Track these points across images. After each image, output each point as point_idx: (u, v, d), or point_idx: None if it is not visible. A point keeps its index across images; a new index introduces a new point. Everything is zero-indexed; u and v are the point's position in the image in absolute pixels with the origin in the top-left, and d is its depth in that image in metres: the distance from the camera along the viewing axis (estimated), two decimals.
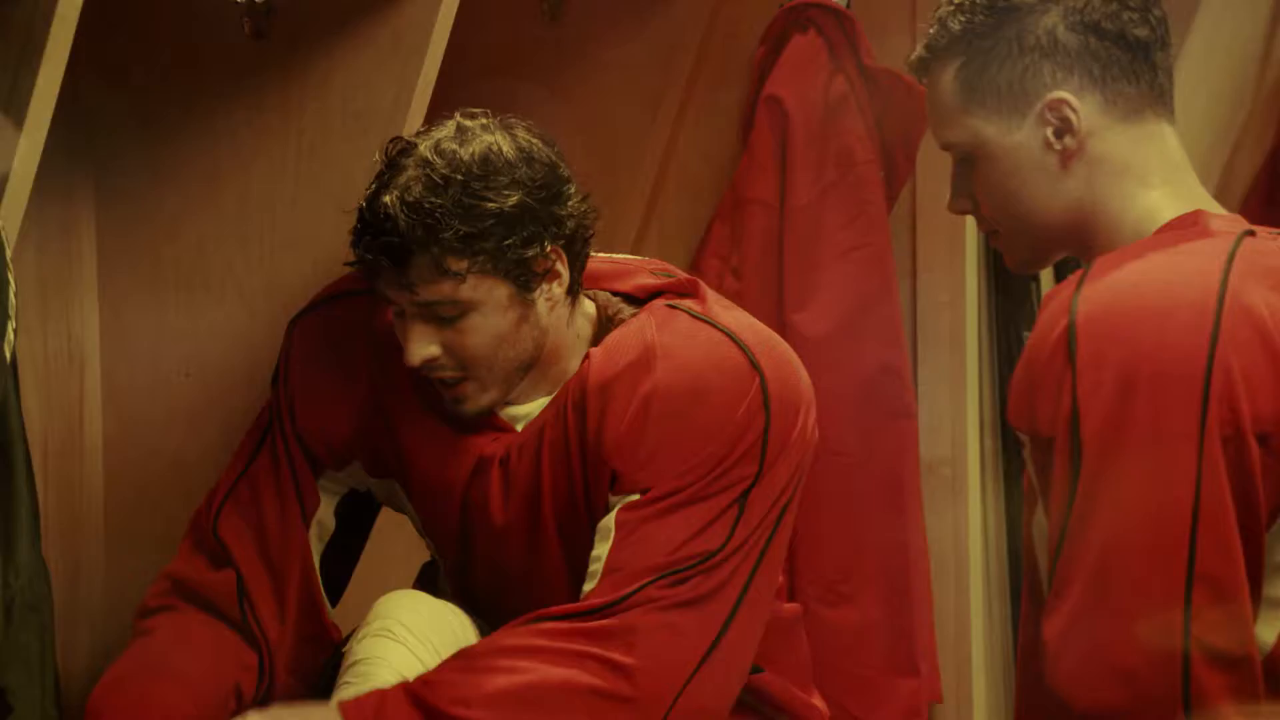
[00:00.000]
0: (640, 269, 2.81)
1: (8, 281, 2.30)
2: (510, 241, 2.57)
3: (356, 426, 2.79)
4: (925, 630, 3.60)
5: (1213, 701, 2.13)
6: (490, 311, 2.61)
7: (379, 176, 2.60)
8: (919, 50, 2.38)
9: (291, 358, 2.81)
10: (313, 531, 2.81)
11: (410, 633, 2.63)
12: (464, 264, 2.56)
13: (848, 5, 3.34)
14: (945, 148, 2.39)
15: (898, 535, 3.30)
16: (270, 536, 2.78)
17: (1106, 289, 2.19)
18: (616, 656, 2.57)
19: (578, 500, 2.68)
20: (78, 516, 3.01)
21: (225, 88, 2.93)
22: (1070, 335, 2.16)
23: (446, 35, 2.89)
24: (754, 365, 2.65)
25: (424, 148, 2.57)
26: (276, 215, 2.95)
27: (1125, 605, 2.16)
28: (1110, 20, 2.30)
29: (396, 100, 2.88)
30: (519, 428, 2.72)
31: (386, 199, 2.55)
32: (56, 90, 2.39)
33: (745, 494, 2.64)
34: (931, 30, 2.36)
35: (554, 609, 2.59)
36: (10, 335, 2.31)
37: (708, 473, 2.62)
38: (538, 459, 2.69)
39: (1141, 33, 2.31)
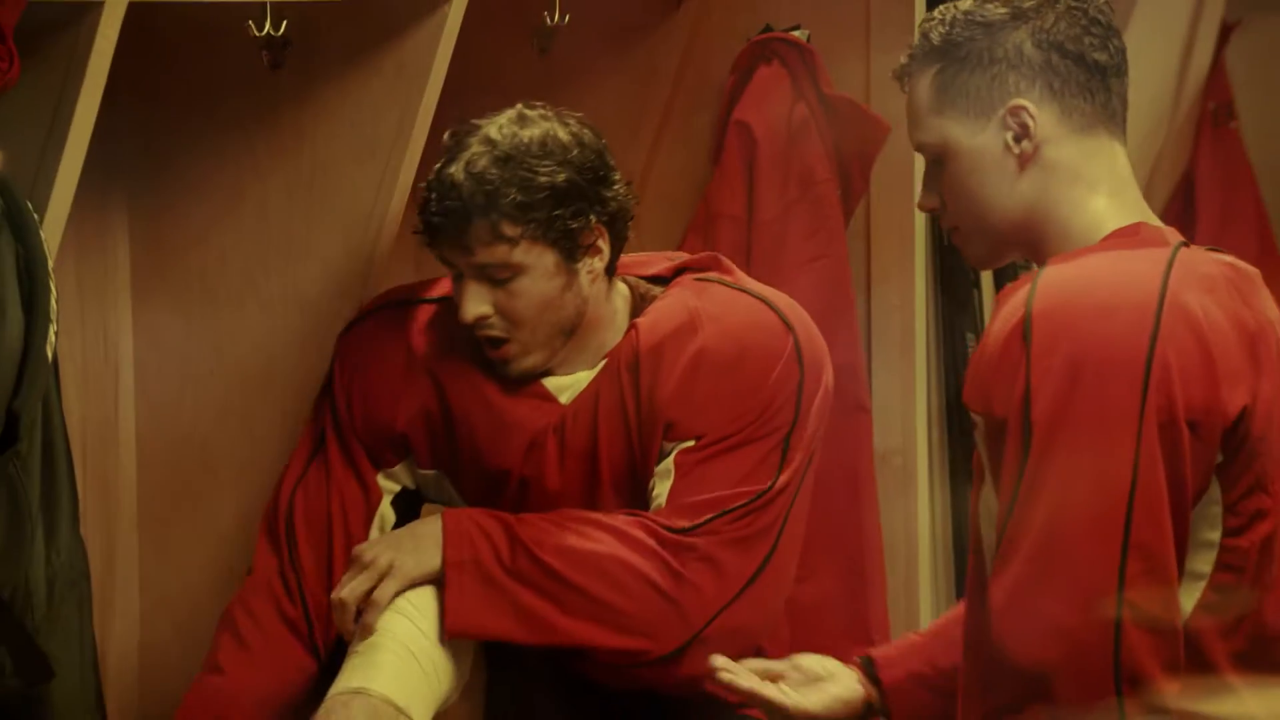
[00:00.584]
0: (658, 258, 2.91)
1: (50, 288, 2.31)
2: (560, 213, 2.66)
3: (411, 421, 2.83)
4: (879, 604, 3.61)
5: (1139, 661, 2.15)
6: (539, 276, 2.68)
7: (446, 152, 2.70)
8: (903, 59, 2.41)
9: (345, 366, 2.85)
10: (375, 524, 2.84)
11: (416, 609, 2.64)
12: (518, 230, 2.64)
13: (808, 39, 3.35)
14: (918, 148, 2.43)
15: (855, 518, 3.30)
16: (331, 530, 2.82)
17: (1060, 286, 2.21)
18: (678, 566, 2.64)
19: (634, 455, 2.75)
20: (113, 501, 3.02)
21: (246, 113, 2.94)
22: (1026, 326, 2.18)
23: (445, 66, 2.90)
24: (787, 326, 2.75)
25: (488, 128, 2.69)
26: (291, 228, 2.96)
27: (1066, 571, 2.17)
28: (1073, 42, 2.32)
29: (400, 124, 2.89)
30: (563, 399, 2.76)
31: (452, 170, 2.65)
32: (94, 115, 2.40)
33: (787, 438, 2.73)
34: (915, 41, 2.39)
35: (642, 513, 2.68)
36: (52, 337, 2.31)
37: (753, 420, 2.71)
38: (594, 423, 2.75)
39: (1100, 57, 2.33)
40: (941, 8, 2.41)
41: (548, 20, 3.18)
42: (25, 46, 2.20)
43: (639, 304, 2.83)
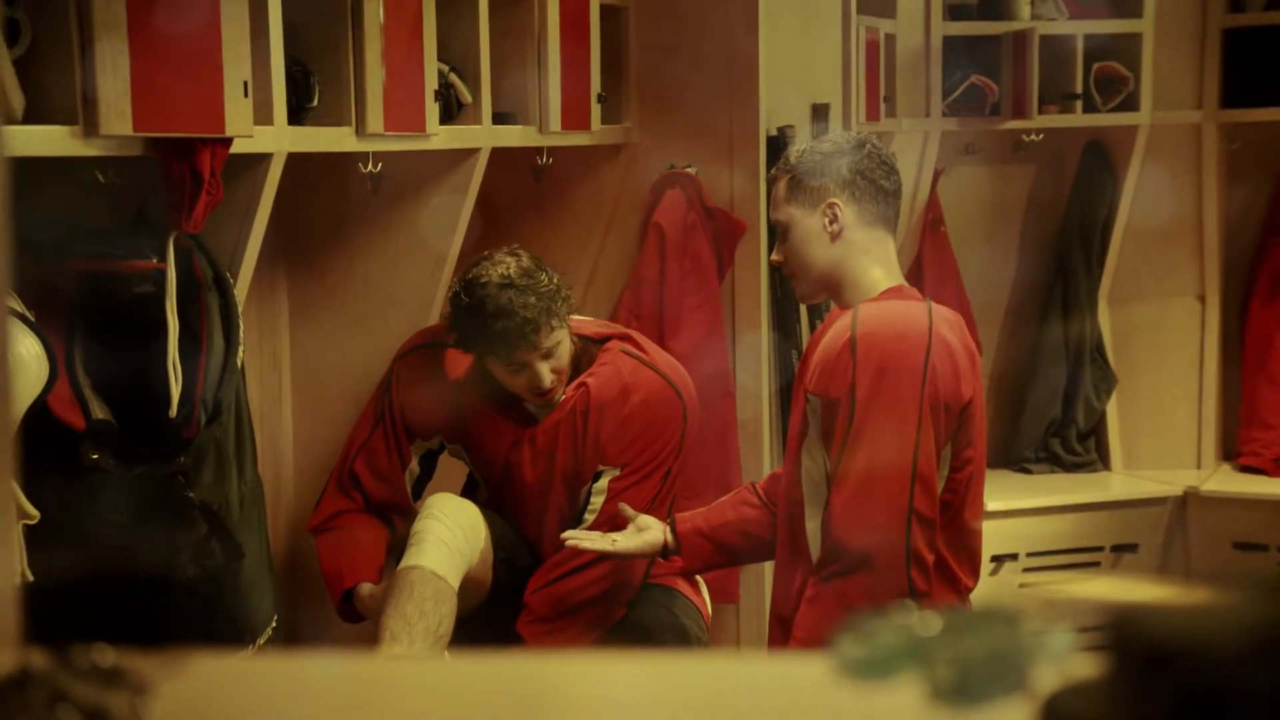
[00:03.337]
0: (589, 323, 2.87)
1: (239, 325, 2.38)
2: (564, 306, 2.65)
3: (443, 421, 2.81)
4: None
5: (917, 544, 2.23)
6: (565, 344, 2.68)
7: (479, 302, 2.61)
8: (775, 170, 2.46)
9: (400, 379, 2.83)
10: (407, 473, 2.84)
11: (445, 514, 2.65)
12: (557, 321, 2.63)
13: (696, 173, 3.35)
14: (774, 223, 2.46)
15: (725, 462, 3.30)
16: (385, 475, 2.82)
17: (872, 319, 2.28)
18: None
19: (577, 464, 2.75)
20: (278, 451, 3.04)
21: (356, 219, 2.98)
22: (853, 343, 2.25)
23: (477, 189, 2.95)
24: (679, 396, 2.75)
25: (493, 276, 2.60)
26: (382, 289, 2.99)
27: (878, 492, 2.24)
28: (869, 172, 2.38)
29: (448, 226, 2.94)
30: (539, 418, 2.76)
31: (510, 307, 2.59)
32: (267, 220, 2.45)
33: (668, 471, 2.74)
34: (782, 161, 2.45)
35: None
36: (240, 354, 2.39)
37: (653, 458, 2.72)
38: (555, 440, 2.73)
39: (885, 183, 2.39)
40: (798, 144, 2.48)
41: (539, 161, 3.22)
42: (227, 179, 2.26)
43: (581, 358, 2.77)
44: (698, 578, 2.95)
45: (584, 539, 2.61)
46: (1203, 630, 0.48)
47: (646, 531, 2.62)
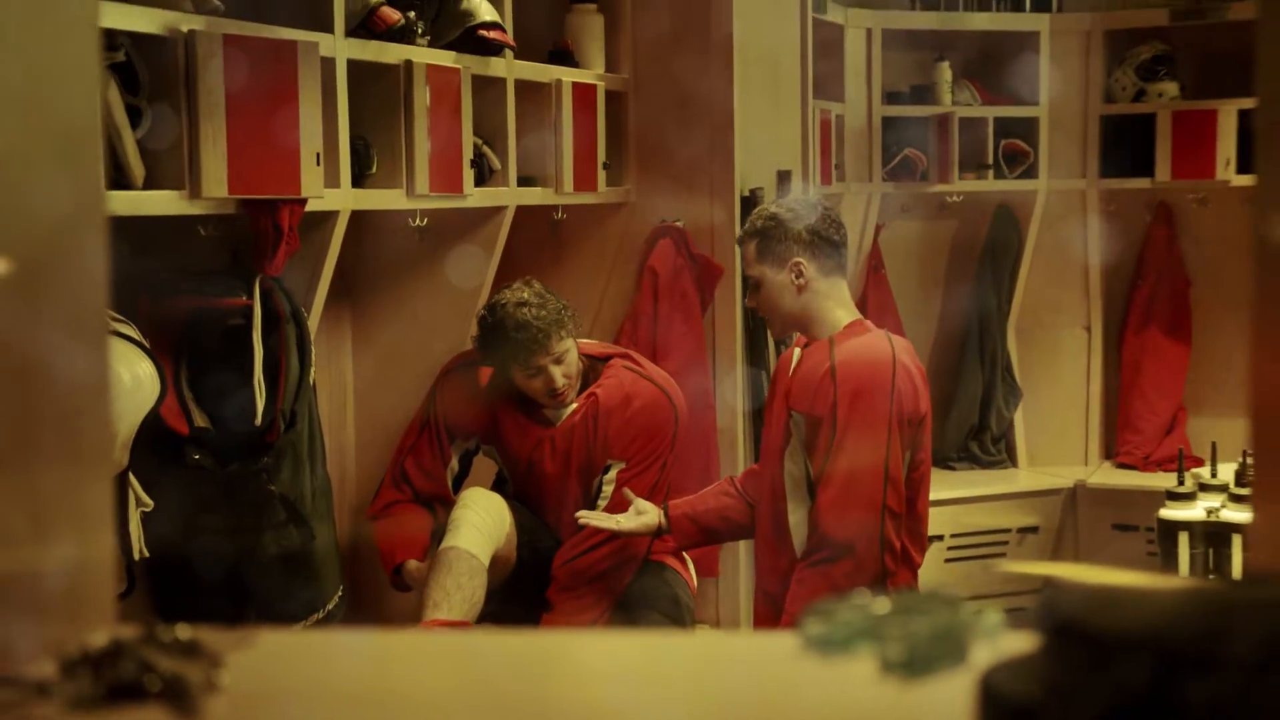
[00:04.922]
0: (593, 345, 2.84)
1: (311, 350, 2.36)
2: (570, 321, 2.61)
3: (478, 426, 2.76)
4: None
5: (889, 534, 2.21)
6: (573, 353, 2.65)
7: (501, 319, 2.59)
8: (742, 233, 2.44)
9: (442, 393, 2.78)
10: (448, 470, 2.79)
11: (478, 504, 2.62)
12: (565, 330, 2.59)
13: (683, 225, 3.31)
14: (748, 278, 2.44)
15: (705, 465, 3.24)
16: (430, 472, 2.77)
17: (848, 351, 2.28)
18: None
19: (589, 460, 2.69)
20: (343, 452, 3.00)
21: (406, 263, 2.94)
22: (832, 371, 2.24)
23: (505, 239, 2.93)
24: (672, 403, 2.71)
25: (512, 299, 2.59)
26: (426, 320, 2.95)
27: (858, 492, 2.23)
28: (824, 231, 2.36)
29: (481, 268, 2.92)
30: (556, 423, 2.71)
31: (525, 322, 2.56)
32: (334, 264, 2.44)
33: (664, 464, 2.70)
34: (749, 226, 2.42)
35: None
36: (313, 373, 2.37)
37: (652, 453, 2.67)
38: (571, 441, 2.68)
39: (836, 237, 2.37)
40: (760, 208, 2.45)
41: (555, 216, 3.21)
42: (302, 231, 2.25)
43: (589, 373, 2.72)
44: (686, 556, 2.91)
45: (594, 518, 2.59)
46: (1146, 620, 0.44)
47: (644, 514, 2.58)
